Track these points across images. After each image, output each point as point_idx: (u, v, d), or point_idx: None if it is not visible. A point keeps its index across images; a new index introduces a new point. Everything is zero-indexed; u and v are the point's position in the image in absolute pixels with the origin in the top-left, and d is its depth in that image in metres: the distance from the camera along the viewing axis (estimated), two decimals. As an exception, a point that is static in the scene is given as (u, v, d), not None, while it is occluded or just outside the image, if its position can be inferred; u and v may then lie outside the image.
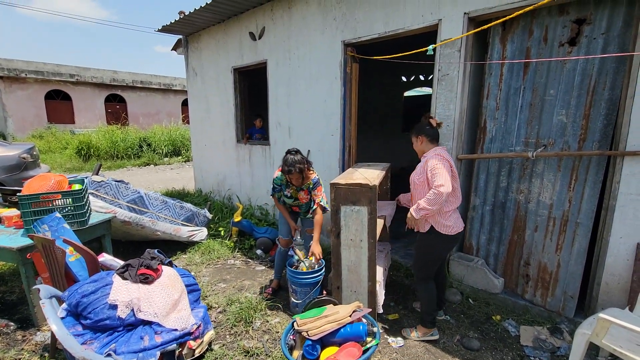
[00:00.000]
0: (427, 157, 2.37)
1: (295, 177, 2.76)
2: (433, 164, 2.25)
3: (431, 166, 2.25)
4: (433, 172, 2.23)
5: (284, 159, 2.75)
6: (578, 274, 2.57)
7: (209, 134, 6.22)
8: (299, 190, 2.92)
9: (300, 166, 2.69)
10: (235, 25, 5.10)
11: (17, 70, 15.12)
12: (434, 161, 2.26)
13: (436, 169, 2.22)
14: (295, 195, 2.93)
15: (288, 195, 2.94)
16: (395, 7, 3.20)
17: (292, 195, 2.93)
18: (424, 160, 2.39)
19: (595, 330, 1.83)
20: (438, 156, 2.30)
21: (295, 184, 2.86)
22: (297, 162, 2.68)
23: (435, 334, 2.54)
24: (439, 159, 2.27)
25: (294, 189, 2.91)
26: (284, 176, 2.86)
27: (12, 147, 6.03)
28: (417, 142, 2.47)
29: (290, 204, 3.00)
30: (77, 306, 1.54)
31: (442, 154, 2.33)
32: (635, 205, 2.23)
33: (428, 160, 2.30)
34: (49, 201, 2.72)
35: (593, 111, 2.42)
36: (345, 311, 1.77)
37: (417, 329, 2.59)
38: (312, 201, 2.95)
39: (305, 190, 2.92)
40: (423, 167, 2.35)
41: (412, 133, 2.50)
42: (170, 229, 4.01)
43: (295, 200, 2.96)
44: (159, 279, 1.76)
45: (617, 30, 2.30)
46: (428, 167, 2.27)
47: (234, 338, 2.60)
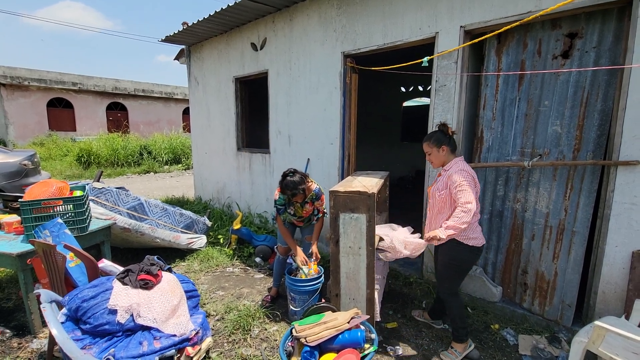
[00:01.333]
0: (449, 171, 2.28)
1: (300, 198, 2.80)
2: (459, 180, 2.19)
3: (457, 183, 2.19)
4: (459, 189, 2.17)
5: (284, 184, 2.71)
6: (575, 282, 2.58)
7: (209, 142, 6.27)
8: (303, 205, 2.91)
9: (303, 187, 2.70)
10: (237, 36, 5.20)
11: (20, 78, 15.27)
12: (459, 178, 2.19)
13: (462, 185, 2.17)
14: (300, 213, 2.94)
15: (292, 213, 2.94)
16: (394, 20, 3.29)
17: (296, 212, 2.94)
18: (445, 175, 2.30)
19: (592, 338, 1.84)
20: (463, 172, 2.23)
21: (300, 201, 2.87)
22: (298, 183, 2.67)
23: (472, 344, 2.48)
24: (464, 175, 2.20)
25: (297, 205, 2.91)
26: (285, 196, 2.84)
27: (13, 154, 6.07)
28: (439, 152, 2.35)
29: (293, 220, 3.02)
30: (77, 311, 1.56)
31: (465, 169, 2.26)
32: (629, 214, 2.26)
33: (452, 176, 2.23)
34: (51, 207, 2.75)
35: (586, 122, 2.47)
36: (344, 318, 1.79)
37: (454, 346, 2.46)
38: (315, 209, 2.99)
39: (309, 203, 2.93)
40: (446, 182, 2.27)
41: (430, 143, 2.37)
42: (170, 236, 4.02)
43: (299, 217, 2.98)
44: (158, 285, 1.78)
45: (607, 44, 2.36)
46: (452, 183, 2.21)
47: (232, 346, 2.60)
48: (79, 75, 17.18)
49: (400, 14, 3.23)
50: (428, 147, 2.40)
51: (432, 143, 2.36)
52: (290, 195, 2.73)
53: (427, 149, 2.41)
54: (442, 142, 2.33)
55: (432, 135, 2.38)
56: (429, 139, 2.39)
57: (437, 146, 2.34)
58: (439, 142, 2.34)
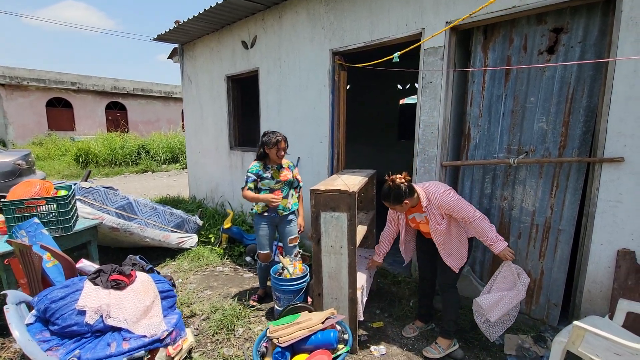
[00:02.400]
0: (434, 203, 2.25)
1: (283, 147, 2.89)
2: (451, 200, 2.21)
3: (452, 203, 2.20)
4: (458, 207, 2.20)
5: (266, 139, 2.89)
6: (561, 281, 2.55)
7: (203, 140, 6.26)
8: (280, 169, 2.96)
9: (284, 136, 2.92)
10: (228, 34, 5.17)
11: (19, 78, 15.31)
12: (447, 197, 2.21)
13: (457, 202, 2.21)
14: (277, 176, 2.94)
15: (269, 177, 2.92)
16: (380, 17, 3.25)
17: (274, 176, 2.93)
18: (433, 208, 2.27)
19: (571, 339, 1.81)
20: (445, 192, 2.24)
21: (278, 161, 2.94)
22: (280, 134, 2.90)
23: (456, 344, 2.47)
24: (450, 194, 2.23)
25: (274, 169, 2.94)
26: (260, 162, 2.96)
27: (8, 153, 6.07)
28: (403, 206, 2.26)
29: (271, 187, 2.93)
30: (46, 312, 1.54)
31: (441, 189, 2.27)
32: (614, 211, 2.23)
33: (441, 205, 2.23)
34: (34, 207, 2.73)
35: (572, 118, 2.44)
36: (318, 318, 1.76)
37: (439, 342, 2.45)
38: (295, 180, 3.08)
39: (286, 168, 3.01)
40: (440, 213, 2.26)
41: (391, 203, 2.27)
42: (159, 235, 4.00)
43: (277, 182, 2.93)
44: (131, 285, 1.76)
45: (593, 39, 2.32)
46: (448, 208, 2.22)
47: (215, 346, 2.58)
48: (78, 75, 17.22)
49: (386, 9, 3.20)
50: (390, 205, 2.30)
51: (393, 202, 2.25)
52: (274, 144, 2.84)
53: (390, 206, 2.32)
54: (402, 198, 2.22)
55: (389, 194, 2.24)
56: (387, 198, 2.27)
57: (398, 203, 2.24)
58: (399, 199, 2.22)
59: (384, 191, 2.27)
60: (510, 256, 2.24)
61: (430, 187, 2.33)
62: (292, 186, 3.08)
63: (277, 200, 2.87)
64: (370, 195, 3.32)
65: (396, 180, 2.24)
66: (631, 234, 2.18)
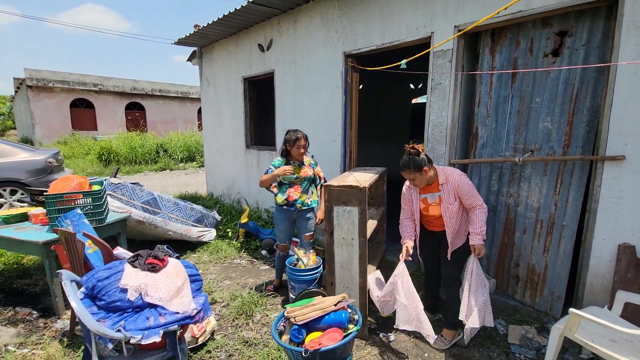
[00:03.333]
0: (451, 182, 2.34)
1: (303, 145, 3.05)
2: (466, 183, 2.33)
3: (467, 189, 2.32)
4: (472, 194, 2.32)
5: (287, 137, 3.08)
6: (564, 275, 2.65)
7: (220, 140, 6.51)
8: (301, 165, 3.14)
9: (305, 134, 3.08)
10: (245, 37, 5.40)
11: (45, 80, 16.03)
12: (464, 180, 2.33)
13: (471, 187, 2.33)
14: (298, 172, 3.11)
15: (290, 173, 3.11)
16: (391, 21, 3.39)
17: (295, 172, 3.11)
18: (448, 187, 2.36)
19: (568, 325, 1.93)
20: (463, 176, 2.35)
21: (299, 157, 3.10)
22: (301, 132, 3.07)
23: (461, 332, 2.55)
24: (466, 178, 2.35)
25: (295, 165, 3.12)
26: (284, 159, 3.14)
27: (39, 152, 6.48)
28: (423, 175, 2.30)
29: (291, 181, 3.12)
30: (93, 289, 1.77)
31: (461, 173, 2.38)
32: (615, 208, 2.32)
33: (459, 186, 2.32)
34: (72, 200, 3.01)
35: (576, 118, 2.53)
36: (331, 301, 1.94)
37: (445, 334, 2.57)
38: (316, 178, 3.24)
39: (307, 165, 3.18)
40: (454, 194, 2.34)
41: (411, 170, 2.30)
42: (181, 229, 4.26)
43: (297, 177, 3.10)
44: (164, 269, 1.97)
45: (596, 42, 2.41)
46: (462, 191, 2.32)
47: (235, 329, 2.80)
48: (99, 77, 17.89)
49: (397, 14, 3.34)
50: (409, 174, 2.33)
51: (413, 170, 2.29)
52: (294, 141, 3.03)
53: (409, 176, 2.35)
54: (422, 165, 2.28)
55: (409, 162, 2.29)
56: (407, 167, 2.31)
57: (419, 171, 2.29)
58: (419, 166, 2.28)
59: (404, 160, 2.30)
60: (483, 253, 2.35)
61: (447, 168, 2.44)
62: (314, 183, 3.26)
63: (290, 170, 3.01)
64: (380, 192, 3.47)
65: (416, 147, 2.28)
66: (632, 229, 2.27)
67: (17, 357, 2.35)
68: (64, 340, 2.57)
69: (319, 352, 1.66)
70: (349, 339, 1.75)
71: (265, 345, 2.56)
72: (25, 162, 6.00)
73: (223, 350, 2.52)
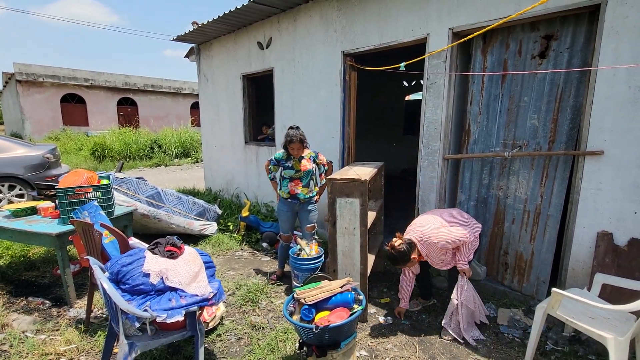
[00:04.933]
0: (431, 252, 2.52)
1: (297, 147, 3.19)
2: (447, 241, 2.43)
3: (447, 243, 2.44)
4: (454, 241, 2.43)
5: (286, 134, 3.21)
6: (549, 261, 2.87)
7: (218, 136, 6.61)
8: (300, 160, 3.29)
9: (301, 137, 3.19)
10: (244, 35, 5.49)
11: (35, 75, 15.79)
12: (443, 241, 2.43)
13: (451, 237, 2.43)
14: (297, 167, 3.27)
15: (290, 166, 3.29)
16: (389, 22, 3.55)
17: (294, 166, 3.27)
18: (432, 257, 2.56)
19: (550, 303, 2.13)
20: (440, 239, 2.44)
21: (295, 155, 3.25)
22: (297, 134, 3.18)
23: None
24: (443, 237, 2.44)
25: (295, 160, 3.28)
26: (285, 152, 3.30)
27: (36, 147, 6.49)
28: (413, 261, 2.51)
29: (291, 176, 3.29)
30: (118, 274, 1.90)
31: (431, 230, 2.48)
32: (595, 198, 2.53)
33: (440, 249, 2.48)
34: (82, 194, 3.11)
35: (560, 116, 2.73)
36: (337, 284, 2.11)
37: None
38: (320, 166, 3.41)
39: (307, 159, 3.32)
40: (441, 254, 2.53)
41: (404, 265, 2.53)
42: (184, 222, 4.38)
43: (296, 171, 3.27)
44: (182, 256, 2.11)
45: (579, 45, 2.61)
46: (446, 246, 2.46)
47: (242, 315, 2.95)
48: (91, 72, 17.67)
49: (394, 16, 3.50)
50: (404, 265, 2.56)
51: (403, 263, 2.52)
52: (288, 142, 3.17)
53: (405, 266, 2.60)
54: (409, 255, 2.46)
55: (398, 259, 2.49)
56: (397, 263, 2.53)
57: (408, 261, 2.50)
58: (406, 258, 2.47)
59: (392, 258, 2.52)
60: (470, 274, 2.59)
61: (425, 232, 2.51)
62: (319, 172, 3.43)
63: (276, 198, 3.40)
64: (379, 185, 3.65)
65: (395, 244, 2.48)
66: (609, 217, 2.49)
67: (37, 342, 2.47)
68: (80, 326, 2.70)
69: (328, 329, 1.82)
70: (355, 316, 1.92)
71: (272, 329, 2.73)
72: (22, 158, 6.02)
73: (232, 334, 2.68)
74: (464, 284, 2.57)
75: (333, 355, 1.90)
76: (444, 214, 2.70)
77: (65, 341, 2.50)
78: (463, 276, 2.58)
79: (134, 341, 1.82)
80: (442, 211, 2.79)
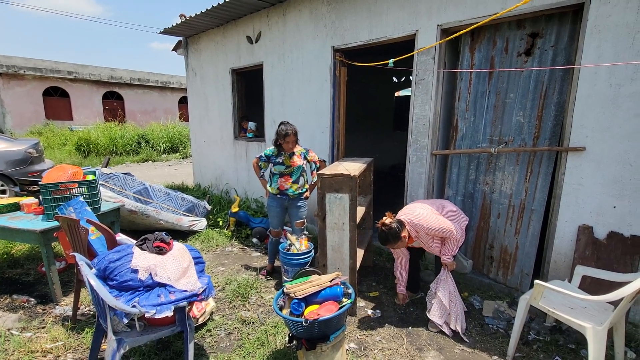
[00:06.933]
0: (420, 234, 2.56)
1: (292, 140, 3.17)
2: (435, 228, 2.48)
3: (436, 229, 2.49)
4: (442, 230, 2.49)
5: (278, 129, 3.19)
6: (532, 254, 2.95)
7: (207, 131, 6.54)
8: (291, 156, 3.28)
9: (295, 130, 3.18)
10: (233, 29, 5.43)
11: (16, 67, 15.29)
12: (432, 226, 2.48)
13: (441, 226, 2.48)
14: (288, 162, 3.26)
15: (280, 162, 3.27)
16: (379, 18, 3.56)
17: (284, 162, 3.26)
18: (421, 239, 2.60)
19: (533, 295, 2.20)
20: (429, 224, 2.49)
21: (288, 150, 3.23)
22: (293, 127, 3.17)
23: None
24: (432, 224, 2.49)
25: (286, 156, 3.27)
26: (275, 148, 3.29)
27: (18, 142, 6.32)
28: (403, 240, 2.52)
29: (281, 171, 3.28)
30: (105, 270, 1.88)
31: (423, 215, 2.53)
32: (576, 193, 2.61)
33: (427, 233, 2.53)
34: (67, 189, 3.05)
35: (545, 113, 2.80)
36: (327, 278, 2.13)
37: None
38: (311, 164, 3.40)
39: (298, 155, 3.31)
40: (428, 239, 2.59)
41: (393, 243, 2.54)
42: (173, 218, 4.34)
43: (287, 167, 3.26)
44: (170, 251, 2.10)
45: (563, 43, 2.67)
46: (434, 233, 2.53)
47: (232, 310, 2.96)
48: (74, 64, 17.20)
49: (384, 12, 3.51)
50: (393, 245, 2.58)
51: (393, 241, 2.53)
52: (283, 136, 3.14)
53: (393, 246, 2.61)
54: (399, 233, 2.49)
55: (388, 236, 2.50)
56: (388, 241, 2.54)
57: (398, 239, 2.51)
58: (396, 236, 2.49)
59: (382, 237, 2.54)
60: (453, 267, 2.67)
61: (415, 215, 2.56)
62: (310, 170, 3.41)
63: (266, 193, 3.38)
64: (368, 181, 3.68)
65: (386, 222, 2.51)
66: (590, 212, 2.57)
67: (23, 339, 2.43)
68: (67, 324, 2.66)
69: (317, 322, 1.85)
70: (344, 309, 1.95)
71: (262, 323, 2.74)
72: (3, 153, 5.85)
73: (222, 329, 2.69)
74: (443, 277, 2.65)
75: (322, 348, 1.92)
76: (435, 203, 2.76)
77: (52, 339, 2.46)
78: (445, 269, 2.65)
79: (123, 337, 1.81)
80: (433, 201, 2.87)
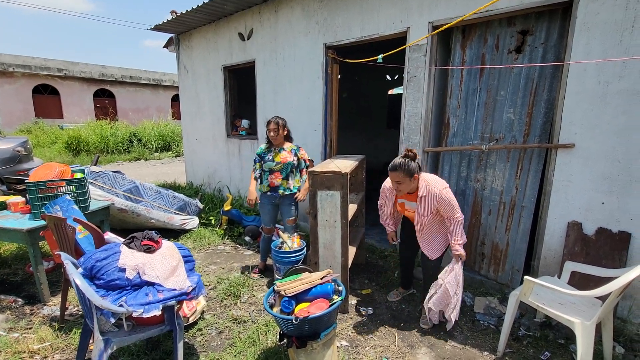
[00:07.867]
0: (432, 193, 2.35)
1: (273, 129, 3.20)
2: (446, 199, 2.34)
3: (445, 202, 2.34)
4: (449, 206, 2.35)
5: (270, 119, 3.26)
6: (523, 250, 2.97)
7: (199, 129, 6.48)
8: (280, 151, 3.28)
9: (280, 121, 3.24)
10: (225, 25, 5.38)
11: (5, 65, 15.02)
12: (445, 195, 2.34)
13: (449, 202, 2.35)
14: (278, 159, 3.26)
15: (270, 159, 3.27)
16: (371, 15, 3.55)
17: (274, 158, 3.26)
18: (428, 198, 2.37)
19: (523, 291, 2.21)
20: (447, 190, 2.37)
21: (275, 142, 3.26)
22: (275, 117, 3.26)
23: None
24: (446, 192, 2.35)
25: (275, 151, 3.28)
26: (266, 144, 3.33)
27: (6, 140, 6.19)
28: (412, 181, 2.32)
29: (271, 168, 3.26)
30: (92, 269, 1.85)
31: (446, 185, 2.40)
32: (566, 190, 2.63)
33: (440, 199, 2.34)
34: (54, 188, 3.00)
35: (535, 110, 2.81)
36: (317, 275, 2.12)
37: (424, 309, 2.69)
38: (301, 162, 3.39)
39: (288, 151, 3.30)
40: (432, 205, 2.38)
41: (402, 174, 2.29)
42: (164, 217, 4.30)
43: (276, 164, 3.25)
44: (159, 250, 2.07)
45: (553, 40, 2.68)
46: (442, 203, 2.35)
47: (224, 309, 2.94)
48: (64, 61, 16.94)
49: (376, 9, 3.49)
50: (399, 177, 2.30)
51: (404, 174, 2.28)
52: (269, 121, 3.21)
53: (398, 179, 2.31)
54: (414, 172, 2.28)
55: (403, 165, 2.27)
56: (399, 169, 2.27)
57: (409, 176, 2.29)
58: (411, 172, 2.28)
59: (397, 162, 2.28)
60: (464, 258, 2.49)
61: (431, 179, 2.42)
62: (298, 167, 3.39)
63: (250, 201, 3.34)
64: (360, 179, 3.67)
65: (414, 151, 2.29)
66: (579, 208, 2.59)
67: (9, 340, 2.39)
68: (54, 324, 2.62)
69: (308, 320, 1.84)
70: (334, 307, 1.94)
71: (254, 322, 2.72)
72: (-9, 151, 5.74)
73: (213, 328, 2.66)
74: (455, 268, 2.48)
75: (313, 346, 1.91)
76: None
77: (39, 339, 2.42)
78: (458, 260, 2.48)
79: (110, 337, 1.78)
80: None
